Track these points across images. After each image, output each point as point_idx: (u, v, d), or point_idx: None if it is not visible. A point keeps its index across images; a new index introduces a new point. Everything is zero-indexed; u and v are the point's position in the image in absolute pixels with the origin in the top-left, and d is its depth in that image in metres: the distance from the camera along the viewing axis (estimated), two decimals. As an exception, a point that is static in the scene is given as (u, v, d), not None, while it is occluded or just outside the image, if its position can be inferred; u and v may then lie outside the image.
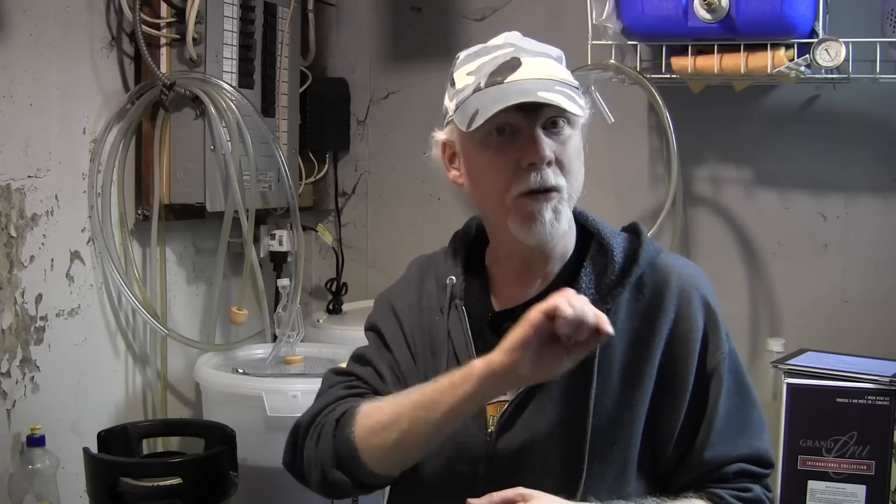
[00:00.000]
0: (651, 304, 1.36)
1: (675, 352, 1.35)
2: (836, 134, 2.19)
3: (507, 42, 1.37)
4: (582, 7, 2.10)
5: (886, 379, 1.69)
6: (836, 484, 1.70)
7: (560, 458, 1.32)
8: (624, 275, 1.36)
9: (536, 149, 1.30)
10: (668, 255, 1.43)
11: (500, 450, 1.35)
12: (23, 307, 1.91)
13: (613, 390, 1.33)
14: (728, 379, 1.35)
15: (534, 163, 1.30)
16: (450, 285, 1.43)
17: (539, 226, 1.32)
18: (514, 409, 1.35)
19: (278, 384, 2.03)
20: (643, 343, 1.35)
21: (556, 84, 1.31)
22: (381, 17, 2.68)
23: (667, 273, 1.38)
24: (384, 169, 2.71)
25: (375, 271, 2.73)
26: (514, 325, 1.24)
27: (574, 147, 1.35)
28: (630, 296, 1.37)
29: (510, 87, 1.30)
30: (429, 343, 1.44)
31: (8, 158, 1.87)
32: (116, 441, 1.93)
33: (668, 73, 2.06)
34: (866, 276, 2.19)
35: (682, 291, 1.37)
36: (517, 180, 1.31)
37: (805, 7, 1.89)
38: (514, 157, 1.32)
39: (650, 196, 2.32)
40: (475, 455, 1.36)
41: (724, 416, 1.34)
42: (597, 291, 1.36)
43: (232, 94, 2.13)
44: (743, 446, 1.34)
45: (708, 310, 1.37)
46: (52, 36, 1.96)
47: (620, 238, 1.41)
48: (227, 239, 2.15)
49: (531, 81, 1.31)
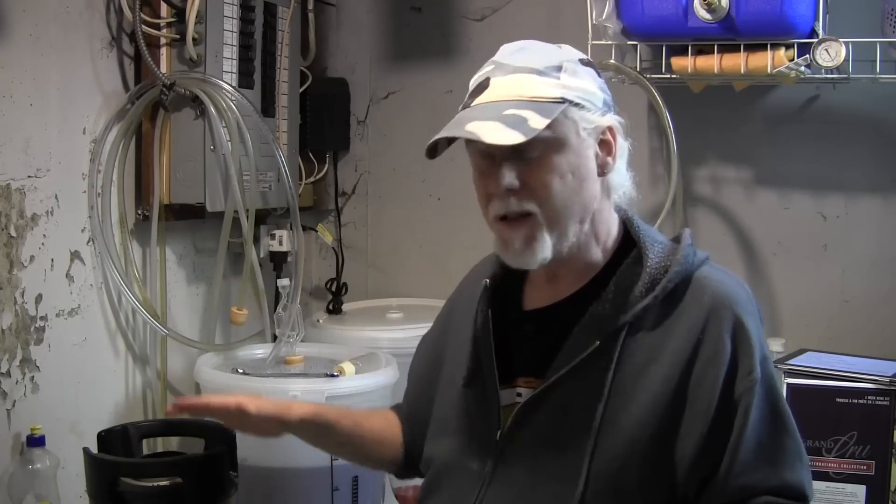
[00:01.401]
0: (679, 320, 1.31)
1: (699, 374, 1.28)
2: (836, 134, 2.19)
3: (493, 59, 1.37)
4: (582, 7, 2.10)
5: (886, 379, 1.70)
6: (836, 484, 1.70)
7: (562, 465, 1.31)
8: (650, 289, 1.31)
9: (495, 179, 1.31)
10: (708, 269, 1.36)
11: (508, 449, 1.35)
12: (23, 307, 1.91)
13: (626, 404, 1.29)
14: (759, 406, 1.27)
15: (492, 192, 1.32)
16: (484, 286, 1.45)
17: (513, 253, 1.34)
18: (525, 412, 1.35)
19: (278, 384, 2.03)
20: (664, 362, 1.29)
21: (510, 107, 1.28)
22: (381, 17, 2.68)
23: (701, 290, 1.32)
24: (384, 169, 2.71)
25: (375, 271, 2.73)
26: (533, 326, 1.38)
27: (555, 167, 1.30)
28: (659, 310, 1.31)
29: (465, 113, 1.33)
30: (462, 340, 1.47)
31: (8, 158, 1.87)
32: (116, 441, 1.93)
33: (668, 73, 2.06)
34: (866, 276, 2.19)
35: (712, 311, 1.30)
36: (491, 203, 1.33)
37: (805, 7, 1.89)
38: (486, 181, 1.34)
39: (650, 196, 2.32)
40: (486, 452, 1.37)
41: (752, 444, 1.26)
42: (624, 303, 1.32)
43: (232, 94, 2.12)
44: (773, 478, 1.27)
45: (740, 332, 1.29)
46: (52, 36, 1.96)
47: (660, 248, 1.36)
48: (227, 239, 2.15)
49: (481, 107, 1.31)
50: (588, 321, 1.33)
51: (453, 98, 2.58)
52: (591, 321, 1.32)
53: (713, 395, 1.27)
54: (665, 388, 1.28)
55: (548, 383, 1.32)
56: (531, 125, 1.26)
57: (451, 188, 2.59)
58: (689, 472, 1.28)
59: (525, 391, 1.37)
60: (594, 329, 1.32)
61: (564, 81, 1.32)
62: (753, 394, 1.27)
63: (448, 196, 2.62)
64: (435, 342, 1.57)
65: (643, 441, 1.28)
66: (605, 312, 1.32)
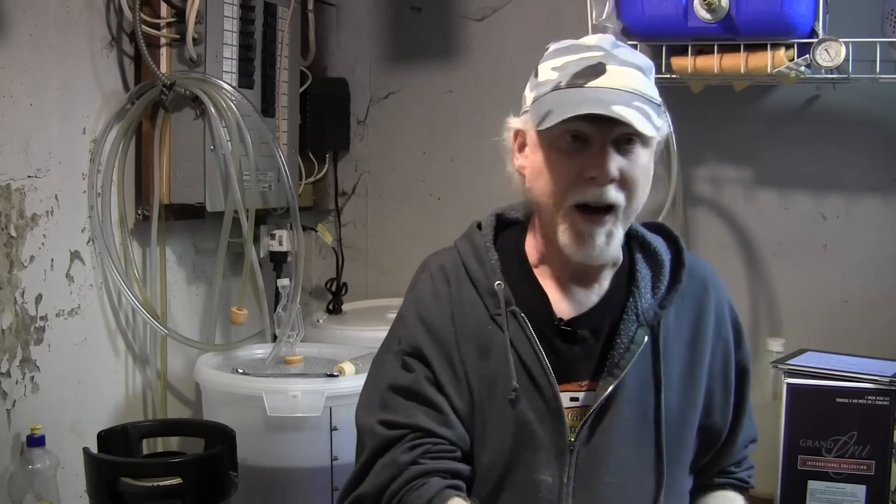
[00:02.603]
0: (695, 306, 1.42)
1: (720, 352, 1.43)
2: (836, 134, 2.19)
3: (598, 44, 1.34)
4: (582, 7, 2.10)
5: (886, 379, 1.69)
6: (836, 484, 1.70)
7: (639, 460, 1.35)
8: (675, 279, 1.40)
9: (602, 163, 1.28)
10: (690, 255, 1.46)
11: (582, 456, 1.34)
12: (23, 307, 1.91)
13: (676, 391, 1.38)
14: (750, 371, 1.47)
15: (595, 177, 1.29)
16: (500, 291, 1.38)
17: (589, 248, 1.32)
18: (595, 417, 1.35)
19: (278, 384, 2.03)
20: (695, 344, 1.40)
21: (635, 98, 1.28)
22: (381, 17, 2.68)
23: (701, 275, 1.44)
24: (384, 169, 2.71)
25: (375, 271, 2.73)
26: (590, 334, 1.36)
27: (642, 166, 1.33)
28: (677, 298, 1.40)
29: (588, 93, 1.28)
30: (481, 354, 1.37)
31: (8, 158, 1.87)
32: (116, 441, 1.93)
33: (668, 73, 2.05)
34: (866, 276, 2.19)
35: (716, 292, 1.44)
36: (576, 189, 1.30)
37: (805, 7, 1.89)
38: (579, 165, 1.30)
39: (650, 196, 2.31)
40: (559, 463, 1.34)
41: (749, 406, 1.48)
42: (651, 297, 1.39)
43: (232, 94, 2.13)
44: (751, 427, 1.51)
45: (732, 308, 1.47)
46: (52, 36, 1.96)
47: (659, 241, 1.44)
48: (227, 239, 2.15)
49: (611, 91, 1.28)
50: (632, 316, 1.37)
51: (453, 98, 2.60)
52: (636, 316, 1.37)
53: (731, 368, 1.44)
54: (700, 368, 1.40)
55: (618, 381, 1.34)
56: (654, 122, 1.28)
57: (451, 188, 2.59)
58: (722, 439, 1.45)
59: (582, 395, 1.36)
60: (641, 323, 1.37)
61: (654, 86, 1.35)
62: (748, 361, 1.46)
63: (448, 196, 2.62)
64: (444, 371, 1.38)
65: (692, 421, 1.40)
66: (644, 307, 1.38)
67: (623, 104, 1.26)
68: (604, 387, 1.34)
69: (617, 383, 1.34)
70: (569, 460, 1.34)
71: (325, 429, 2.00)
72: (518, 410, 1.34)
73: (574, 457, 1.34)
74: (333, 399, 1.98)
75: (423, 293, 1.44)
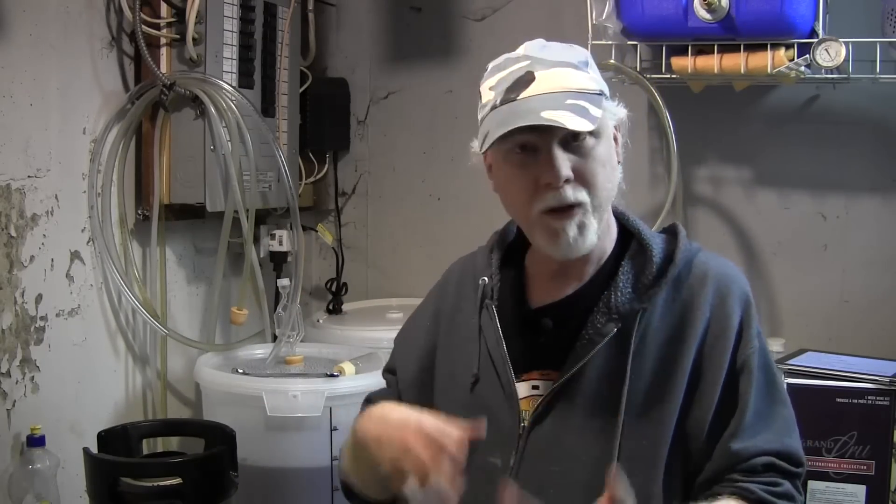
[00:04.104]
0: (687, 303, 1.38)
1: (710, 350, 1.36)
2: (836, 134, 2.19)
3: (525, 53, 1.36)
4: (582, 7, 2.10)
5: (886, 379, 1.70)
6: (836, 484, 1.70)
7: (590, 452, 1.34)
8: (661, 275, 1.38)
9: (551, 168, 1.31)
10: (706, 255, 1.44)
11: (532, 442, 1.37)
12: (23, 307, 1.91)
13: (646, 388, 1.35)
14: (758, 376, 1.36)
15: (549, 182, 1.31)
16: (482, 286, 1.46)
17: (563, 242, 1.34)
18: (547, 403, 1.37)
19: (278, 384, 2.03)
20: (678, 341, 1.36)
21: (567, 97, 1.30)
22: (381, 17, 2.68)
23: (704, 272, 1.40)
24: (384, 169, 2.71)
25: (375, 271, 2.73)
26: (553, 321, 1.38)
27: (599, 156, 1.34)
28: (667, 295, 1.38)
29: (520, 106, 1.31)
30: (466, 342, 1.46)
31: (8, 158, 1.87)
32: (116, 441, 1.93)
33: (668, 73, 2.06)
34: (866, 276, 2.19)
35: (718, 290, 1.38)
36: (537, 197, 1.33)
37: (805, 7, 1.89)
38: (533, 173, 1.33)
39: (650, 196, 2.32)
40: (508, 447, 1.37)
41: (754, 410, 1.34)
42: (633, 290, 1.38)
43: (232, 94, 2.12)
44: (773, 441, 1.34)
45: (746, 306, 1.39)
46: (52, 36, 1.96)
47: (659, 239, 1.44)
48: (227, 239, 2.15)
49: (540, 98, 1.30)
50: (604, 309, 1.37)
51: (453, 98, 2.60)
52: (607, 309, 1.37)
53: (722, 366, 1.35)
54: (681, 366, 1.35)
55: (573, 371, 1.35)
56: (592, 114, 1.30)
57: (451, 188, 2.59)
58: (705, 441, 1.34)
59: (543, 383, 1.38)
60: (611, 316, 1.36)
61: (593, 75, 1.37)
62: (754, 363, 1.36)
63: (448, 196, 2.62)
64: (422, 348, 1.54)
65: (665, 419, 1.34)
66: (619, 300, 1.37)
67: (553, 108, 1.28)
68: (560, 376, 1.36)
69: (573, 373, 1.35)
70: (518, 445, 1.37)
71: (325, 429, 2.00)
72: (476, 395, 1.42)
73: (523, 442, 1.37)
74: (333, 399, 1.98)
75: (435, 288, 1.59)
